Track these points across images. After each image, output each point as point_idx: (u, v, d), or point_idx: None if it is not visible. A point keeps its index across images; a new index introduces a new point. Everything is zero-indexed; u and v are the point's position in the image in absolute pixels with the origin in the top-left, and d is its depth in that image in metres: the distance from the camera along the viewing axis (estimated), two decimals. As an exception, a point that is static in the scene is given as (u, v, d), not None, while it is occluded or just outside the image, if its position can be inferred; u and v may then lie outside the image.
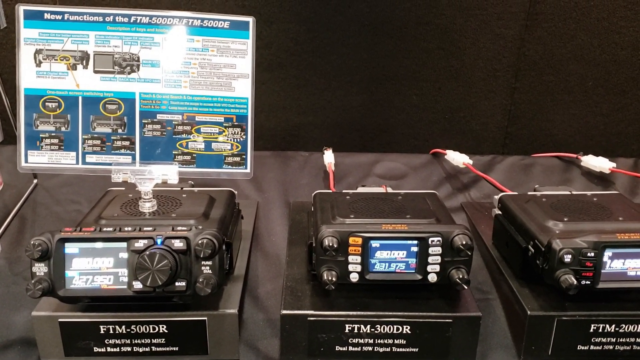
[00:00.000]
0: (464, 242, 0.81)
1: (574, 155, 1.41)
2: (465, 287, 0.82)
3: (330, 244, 0.81)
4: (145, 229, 0.79)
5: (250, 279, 1.00)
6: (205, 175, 0.94)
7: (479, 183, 1.30)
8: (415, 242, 0.83)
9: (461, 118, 1.51)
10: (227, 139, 0.93)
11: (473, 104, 1.49)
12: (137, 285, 0.77)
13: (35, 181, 1.26)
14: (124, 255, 0.79)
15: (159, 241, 0.78)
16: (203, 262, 0.78)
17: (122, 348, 0.84)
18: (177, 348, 0.85)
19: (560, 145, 1.51)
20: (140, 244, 0.78)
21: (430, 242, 0.82)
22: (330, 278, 0.82)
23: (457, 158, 1.30)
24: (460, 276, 0.82)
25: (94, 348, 0.84)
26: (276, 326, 0.91)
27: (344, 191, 1.03)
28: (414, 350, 0.85)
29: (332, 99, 1.48)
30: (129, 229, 0.79)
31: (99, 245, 0.79)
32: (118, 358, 0.85)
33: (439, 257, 0.83)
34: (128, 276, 0.79)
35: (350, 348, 0.85)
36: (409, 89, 1.47)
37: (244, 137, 0.94)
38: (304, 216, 1.12)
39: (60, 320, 0.83)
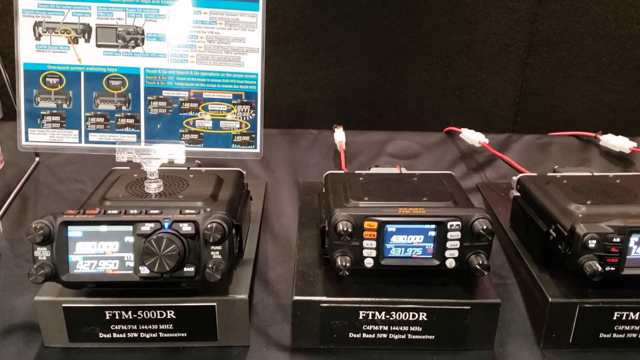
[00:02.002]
0: (484, 227, 0.78)
1: (592, 134, 1.36)
2: (485, 274, 0.79)
3: (345, 229, 0.77)
4: (151, 211, 0.76)
5: (260, 262, 0.96)
6: (213, 155, 0.90)
7: (495, 163, 1.26)
8: (433, 226, 0.80)
9: (471, 94, 1.46)
10: (236, 117, 0.89)
11: (484, 79, 1.45)
12: (144, 270, 0.74)
13: (37, 159, 1.22)
14: (130, 239, 0.75)
15: (166, 225, 0.74)
16: (212, 247, 0.75)
17: (128, 334, 0.82)
18: (185, 334, 0.82)
19: (571, 123, 1.47)
20: (146, 227, 0.74)
21: (449, 227, 0.79)
22: (344, 264, 0.79)
23: (472, 137, 1.26)
24: (480, 262, 0.79)
25: (100, 334, 0.81)
26: (287, 311, 0.88)
27: (356, 172, 1.00)
28: (430, 337, 0.82)
29: (340, 74, 1.43)
30: (135, 211, 0.76)
31: (103, 228, 0.75)
32: (124, 344, 0.82)
33: (457, 242, 0.80)
34: (134, 261, 0.75)
35: (364, 335, 0.82)
36: (418, 64, 1.43)
37: (253, 115, 0.90)
38: (314, 197, 1.09)
39: (64, 305, 0.80)
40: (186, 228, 0.74)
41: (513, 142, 1.36)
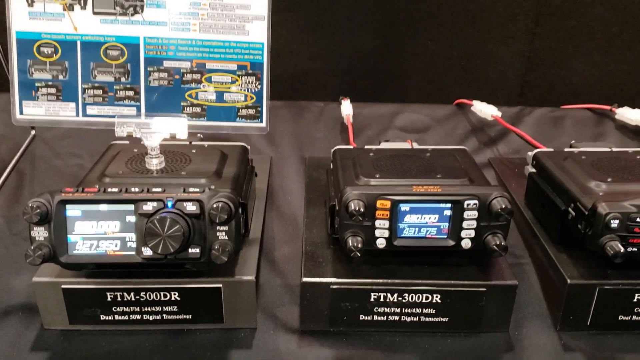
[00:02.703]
0: (502, 206, 0.74)
1: (607, 107, 1.32)
2: (503, 255, 0.76)
3: (357, 208, 0.74)
4: (154, 189, 0.72)
5: (266, 241, 0.93)
6: (216, 130, 0.86)
7: (507, 137, 1.22)
8: (449, 205, 0.76)
9: (477, 65, 1.42)
10: (241, 89, 0.85)
11: (490, 50, 1.41)
12: (147, 251, 0.71)
13: (32, 132, 1.18)
14: (132, 218, 0.72)
15: (169, 204, 0.71)
16: (218, 227, 0.71)
17: (131, 316, 0.79)
18: (190, 316, 0.79)
19: (580, 95, 1.43)
20: (148, 206, 0.70)
21: (465, 206, 0.75)
22: (355, 244, 0.75)
23: (484, 110, 1.22)
24: (497, 242, 0.76)
25: (101, 316, 0.78)
26: (295, 292, 0.85)
27: (366, 147, 0.96)
28: (444, 320, 0.79)
29: (343, 44, 1.39)
30: (136, 189, 0.72)
31: (103, 207, 0.72)
32: (127, 326, 0.79)
33: (474, 222, 0.76)
34: (136, 241, 0.72)
35: (376, 317, 0.79)
36: (423, 33, 1.39)
37: (259, 87, 0.85)
38: (321, 173, 1.05)
39: (63, 286, 0.77)
40: (190, 207, 0.71)
41: (525, 115, 1.32)
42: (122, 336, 0.79)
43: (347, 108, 1.22)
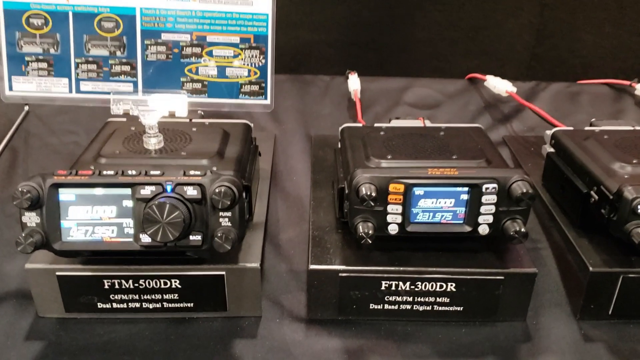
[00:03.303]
0: (524, 190, 0.70)
1: (627, 82, 1.26)
2: (522, 242, 0.72)
3: (368, 193, 0.69)
4: (152, 172, 0.68)
5: (270, 224, 0.89)
6: (218, 107, 0.81)
7: (522, 113, 1.17)
8: (466, 189, 0.72)
9: (485, 37, 1.38)
10: (244, 64, 0.80)
11: (499, 21, 1.37)
12: (145, 238, 0.67)
13: (26, 108, 1.13)
14: (129, 203, 0.67)
15: (168, 188, 0.66)
16: (221, 213, 0.67)
17: (129, 304, 0.75)
18: (192, 304, 0.75)
19: (590, 68, 1.40)
20: (147, 191, 0.66)
21: (484, 190, 0.71)
22: (366, 231, 0.71)
23: (498, 85, 1.16)
24: (517, 228, 0.71)
25: (98, 304, 0.75)
26: (301, 279, 0.81)
27: (375, 125, 0.91)
28: (458, 309, 0.76)
29: (347, 15, 1.35)
30: (133, 172, 0.68)
31: (98, 191, 0.67)
32: (126, 314, 0.76)
33: (493, 207, 0.72)
34: (134, 227, 0.68)
35: (387, 306, 0.75)
36: (430, 3, 1.35)
37: (263, 61, 0.80)
38: (328, 152, 1.00)
39: (58, 273, 0.73)
40: (191, 192, 0.66)
41: (540, 90, 1.26)
42: (121, 325, 0.75)
43: (354, 83, 1.17)
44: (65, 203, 0.67)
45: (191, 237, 0.67)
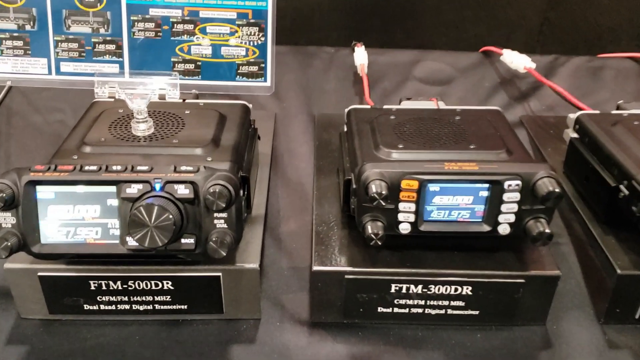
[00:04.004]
0: (550, 189, 0.63)
1: (654, 56, 1.19)
2: (547, 243, 0.65)
3: (378, 191, 0.63)
4: (139, 167, 0.61)
5: (270, 214, 0.83)
6: (212, 90, 0.74)
7: (541, 91, 1.09)
8: (487, 185, 0.65)
9: (495, 3, 1.32)
10: (241, 42, 0.72)
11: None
12: (133, 242, 0.60)
13: (8, 83, 1.05)
14: (114, 202, 0.61)
15: (157, 186, 0.60)
16: (216, 214, 0.61)
17: (118, 306, 0.69)
18: (185, 306, 0.70)
19: (604, 36, 1.34)
20: (133, 189, 0.60)
21: (506, 187, 0.64)
22: (375, 231, 0.65)
23: (516, 61, 1.08)
24: (541, 229, 0.65)
25: (85, 305, 0.69)
26: (304, 276, 0.75)
27: (385, 107, 0.84)
28: (474, 312, 0.70)
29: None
30: (118, 167, 0.61)
31: (80, 189, 0.61)
32: (115, 316, 0.70)
33: (515, 205, 0.65)
34: (120, 228, 0.61)
35: (396, 310, 0.70)
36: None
37: (262, 39, 0.72)
38: (332, 134, 0.93)
39: (40, 274, 0.67)
40: (182, 191, 0.60)
41: (559, 65, 1.18)
42: (110, 327, 0.70)
43: (361, 56, 1.08)
44: (43, 202, 0.61)
45: (183, 241, 0.61)
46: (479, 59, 1.21)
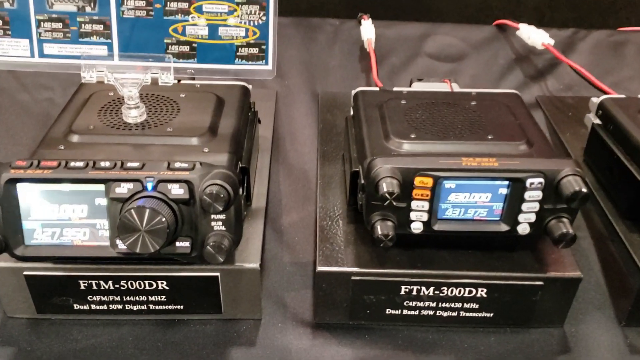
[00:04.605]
0: (576, 189, 0.58)
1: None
2: (570, 245, 0.61)
3: (390, 190, 0.58)
4: (129, 164, 0.56)
5: (271, 205, 0.78)
6: (209, 74, 0.68)
7: (558, 68, 1.03)
8: (506, 182, 0.60)
9: None
10: (241, 22, 0.66)
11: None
12: (122, 245, 0.56)
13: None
14: (102, 201, 0.56)
15: (149, 186, 0.55)
16: (213, 216, 0.56)
17: (110, 306, 0.65)
18: (181, 306, 0.66)
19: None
20: (123, 189, 0.55)
21: (528, 185, 0.59)
22: (385, 232, 0.60)
23: (533, 36, 1.01)
24: (564, 230, 0.60)
25: (74, 305, 0.65)
26: (307, 272, 0.72)
27: (395, 89, 0.78)
28: (488, 315, 0.66)
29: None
30: (107, 164, 0.56)
31: (66, 187, 0.56)
32: (107, 316, 0.66)
33: (536, 204, 0.60)
34: (110, 230, 0.57)
35: (405, 312, 0.66)
36: None
37: (264, 18, 0.66)
38: (337, 116, 0.88)
39: (26, 273, 0.63)
40: (177, 191, 0.55)
41: (578, 40, 1.11)
42: (102, 327, 0.66)
43: (368, 30, 1.02)
44: (26, 200, 0.56)
45: (178, 244, 0.57)
46: (493, 33, 1.14)
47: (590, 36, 1.12)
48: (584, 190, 0.58)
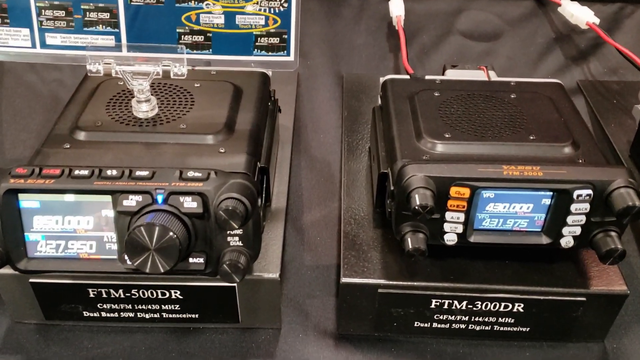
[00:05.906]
0: (630, 204, 0.52)
1: None
2: (618, 262, 0.55)
3: (424, 203, 0.52)
4: (138, 173, 0.51)
5: (292, 202, 0.73)
6: (226, 65, 0.62)
7: (602, 49, 0.95)
8: (550, 193, 0.55)
9: None
10: (260, 9, 0.60)
11: None
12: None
13: None
14: (109, 213, 0.52)
15: (159, 198, 0.50)
16: (230, 232, 0.51)
17: (121, 314, 0.62)
18: (196, 315, 0.62)
19: None
20: (131, 202, 0.50)
21: (575, 197, 0.54)
22: (417, 246, 0.55)
23: (577, 14, 0.92)
24: (613, 246, 0.55)
25: (84, 312, 0.62)
26: (330, 276, 0.67)
27: (427, 77, 0.72)
28: (524, 329, 0.62)
29: None
30: (114, 172, 0.51)
31: (70, 197, 0.51)
32: (118, 323, 0.63)
33: (583, 217, 0.55)
34: (117, 243, 0.53)
35: (435, 325, 0.61)
36: None
37: (285, 5, 0.60)
38: (363, 102, 0.82)
39: (32, 280, 0.59)
40: (189, 204, 0.50)
41: (625, 17, 1.02)
42: (113, 335, 0.63)
43: (397, 6, 0.94)
44: (27, 211, 0.52)
45: (191, 260, 0.52)
46: (532, 8, 1.05)
47: (636, 13, 1.03)
48: (638, 204, 0.52)
